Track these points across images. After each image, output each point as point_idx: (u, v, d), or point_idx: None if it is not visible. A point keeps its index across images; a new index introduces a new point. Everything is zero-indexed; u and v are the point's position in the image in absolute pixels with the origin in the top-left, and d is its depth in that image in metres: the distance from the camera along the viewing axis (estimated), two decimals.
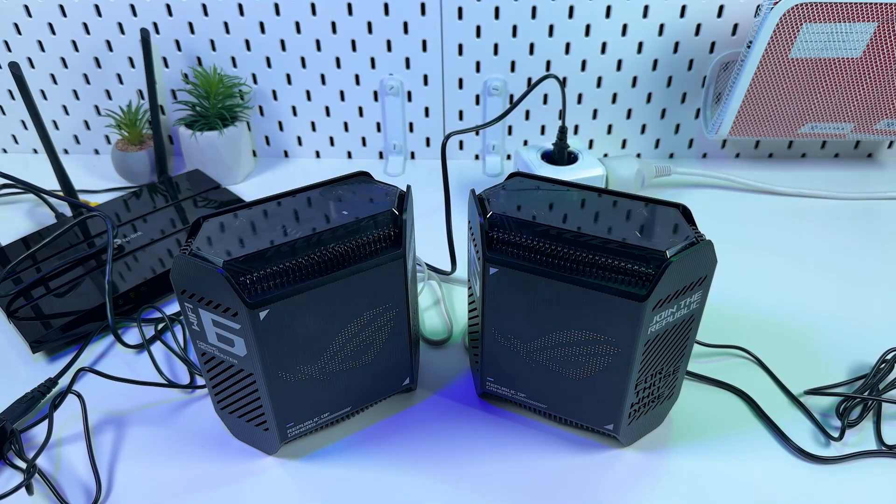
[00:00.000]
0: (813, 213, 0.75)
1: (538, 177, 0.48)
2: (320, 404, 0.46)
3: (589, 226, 0.41)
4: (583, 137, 0.85)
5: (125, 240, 0.67)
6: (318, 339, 0.43)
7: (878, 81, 0.69)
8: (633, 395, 0.44)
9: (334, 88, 0.82)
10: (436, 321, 0.60)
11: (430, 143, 0.86)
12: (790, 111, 0.73)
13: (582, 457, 0.47)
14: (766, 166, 0.84)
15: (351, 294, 0.42)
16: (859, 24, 0.64)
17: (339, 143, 0.87)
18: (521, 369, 0.47)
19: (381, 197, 0.45)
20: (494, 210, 0.43)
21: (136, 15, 0.78)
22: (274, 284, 0.39)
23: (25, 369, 0.55)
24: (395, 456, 0.47)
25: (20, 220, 0.76)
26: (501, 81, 0.80)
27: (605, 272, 0.39)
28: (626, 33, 0.76)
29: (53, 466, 0.46)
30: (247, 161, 0.83)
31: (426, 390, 0.53)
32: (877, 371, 0.51)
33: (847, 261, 0.67)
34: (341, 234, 0.41)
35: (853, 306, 0.61)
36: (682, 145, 0.85)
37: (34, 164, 0.86)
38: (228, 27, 0.78)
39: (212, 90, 0.77)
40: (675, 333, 0.42)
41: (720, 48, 0.76)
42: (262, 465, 0.47)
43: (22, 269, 0.63)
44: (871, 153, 0.86)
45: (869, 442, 0.48)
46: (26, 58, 0.82)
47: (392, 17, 0.76)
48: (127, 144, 0.81)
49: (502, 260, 0.42)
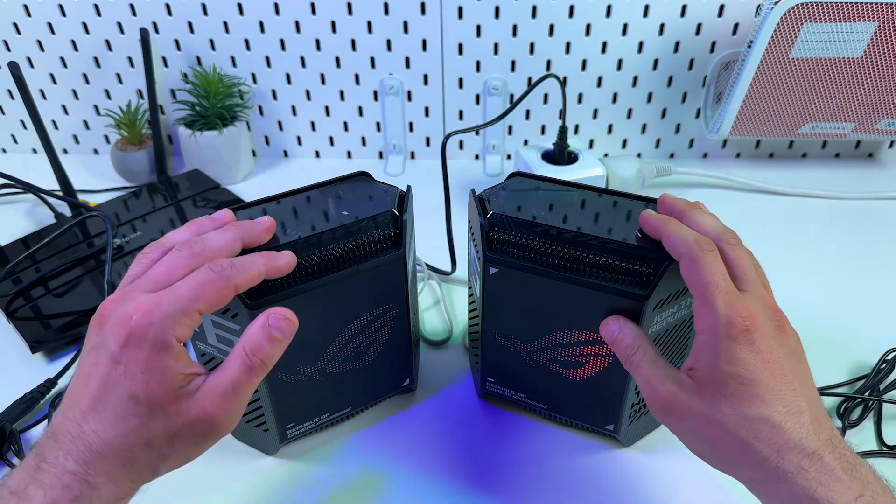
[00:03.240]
0: (813, 213, 0.75)
1: (538, 177, 0.48)
2: (320, 405, 0.46)
3: (589, 226, 0.41)
4: (583, 137, 0.85)
5: (124, 240, 0.66)
6: (318, 339, 0.42)
7: (879, 81, 0.69)
8: (634, 395, 0.44)
9: (334, 88, 0.82)
10: (436, 321, 0.60)
11: (430, 143, 0.86)
12: (791, 111, 0.73)
13: (582, 457, 0.47)
14: (767, 166, 0.84)
15: (351, 295, 0.42)
16: (860, 24, 0.64)
17: (338, 142, 0.87)
18: (521, 370, 0.46)
19: (381, 197, 0.45)
20: (494, 210, 0.43)
21: (136, 15, 0.77)
22: (274, 285, 0.39)
23: (25, 369, 0.55)
24: (395, 456, 0.47)
25: (19, 220, 0.75)
26: (501, 81, 0.79)
27: (606, 272, 0.39)
28: (626, 33, 0.76)
29: None
30: (246, 161, 0.83)
31: (426, 391, 0.53)
32: (877, 371, 0.51)
33: (847, 261, 0.67)
34: (341, 234, 0.41)
35: (853, 306, 0.61)
36: (683, 145, 0.85)
37: (33, 164, 0.86)
38: (228, 27, 0.78)
39: (211, 90, 0.76)
40: (676, 333, 0.42)
41: (721, 48, 0.76)
42: (262, 465, 0.47)
43: (21, 269, 0.63)
44: (872, 153, 0.86)
45: (869, 442, 0.48)
46: (26, 58, 0.82)
47: (392, 17, 0.76)
48: (126, 144, 0.80)
49: (502, 260, 0.42)
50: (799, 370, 0.32)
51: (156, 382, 0.30)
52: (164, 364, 0.31)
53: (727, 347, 0.31)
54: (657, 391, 0.34)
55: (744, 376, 0.31)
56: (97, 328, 0.32)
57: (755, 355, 0.31)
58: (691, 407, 0.32)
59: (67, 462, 0.29)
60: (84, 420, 0.30)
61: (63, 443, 0.30)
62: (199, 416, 0.31)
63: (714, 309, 0.32)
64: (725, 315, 0.31)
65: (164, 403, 0.31)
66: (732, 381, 0.31)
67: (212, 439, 0.33)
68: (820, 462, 0.29)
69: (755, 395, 0.31)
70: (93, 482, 0.30)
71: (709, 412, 0.32)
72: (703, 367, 0.32)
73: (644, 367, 0.35)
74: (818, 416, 0.31)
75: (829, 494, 0.28)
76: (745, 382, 0.31)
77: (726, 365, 0.31)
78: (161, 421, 0.31)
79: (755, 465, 0.31)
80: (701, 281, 0.33)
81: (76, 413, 0.30)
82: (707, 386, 0.32)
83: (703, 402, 0.32)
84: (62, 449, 0.30)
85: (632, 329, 0.38)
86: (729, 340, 0.31)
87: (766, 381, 0.31)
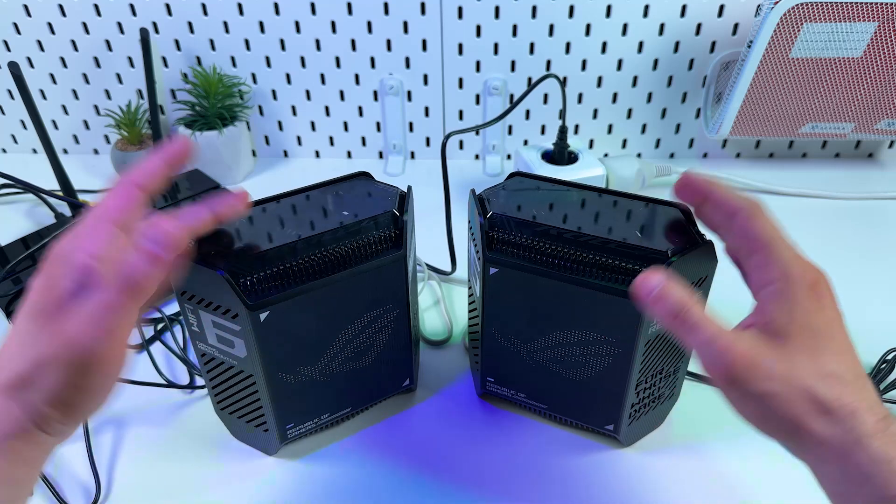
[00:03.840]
0: (813, 213, 0.75)
1: (538, 176, 0.47)
2: (320, 405, 0.46)
3: (589, 226, 0.41)
4: (583, 137, 0.85)
5: None
6: (318, 340, 0.42)
7: (879, 81, 0.69)
8: (634, 395, 0.44)
9: (334, 88, 0.82)
10: (436, 321, 0.60)
11: (430, 143, 0.86)
12: (791, 111, 0.73)
13: (582, 457, 0.47)
14: (767, 166, 0.84)
15: (351, 295, 0.42)
16: (860, 24, 0.64)
17: (338, 142, 0.87)
18: (521, 369, 0.46)
19: (381, 197, 0.45)
20: (494, 210, 0.43)
21: (136, 15, 0.77)
22: (274, 286, 0.39)
23: None
24: (395, 456, 0.47)
25: (19, 220, 0.75)
26: (501, 81, 0.79)
27: (606, 272, 0.39)
28: (626, 33, 0.76)
29: (53, 466, 0.46)
30: (246, 161, 0.83)
31: (426, 391, 0.53)
32: (877, 371, 0.51)
33: (847, 261, 0.67)
34: (342, 234, 0.41)
35: (853, 306, 0.60)
36: (683, 145, 0.85)
37: (34, 164, 0.86)
38: (228, 27, 0.78)
39: (211, 90, 0.76)
40: None
41: (721, 48, 0.76)
42: (262, 466, 0.47)
43: (21, 269, 0.63)
44: (872, 153, 0.86)
45: None
46: (26, 58, 0.82)
47: (392, 17, 0.76)
48: (126, 144, 0.80)
49: (502, 260, 0.42)
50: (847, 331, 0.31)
51: (45, 289, 0.30)
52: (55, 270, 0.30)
53: (804, 297, 0.30)
54: (730, 351, 0.29)
55: (820, 328, 0.29)
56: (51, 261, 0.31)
57: (825, 310, 0.30)
58: (771, 365, 0.29)
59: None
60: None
61: None
62: (70, 338, 0.29)
63: (784, 260, 0.30)
64: (798, 266, 0.30)
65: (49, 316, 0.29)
66: (809, 332, 0.29)
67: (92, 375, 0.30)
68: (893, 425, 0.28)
69: (830, 350, 0.29)
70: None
71: (788, 368, 0.29)
72: (776, 319, 0.30)
73: (705, 325, 0.30)
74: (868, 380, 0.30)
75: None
76: (821, 336, 0.29)
77: (804, 315, 0.29)
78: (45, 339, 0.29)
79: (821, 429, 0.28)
80: (765, 234, 0.31)
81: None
82: (784, 339, 0.29)
83: (783, 358, 0.29)
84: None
85: (678, 282, 0.31)
86: (805, 290, 0.30)
87: (836, 336, 0.30)
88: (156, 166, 0.34)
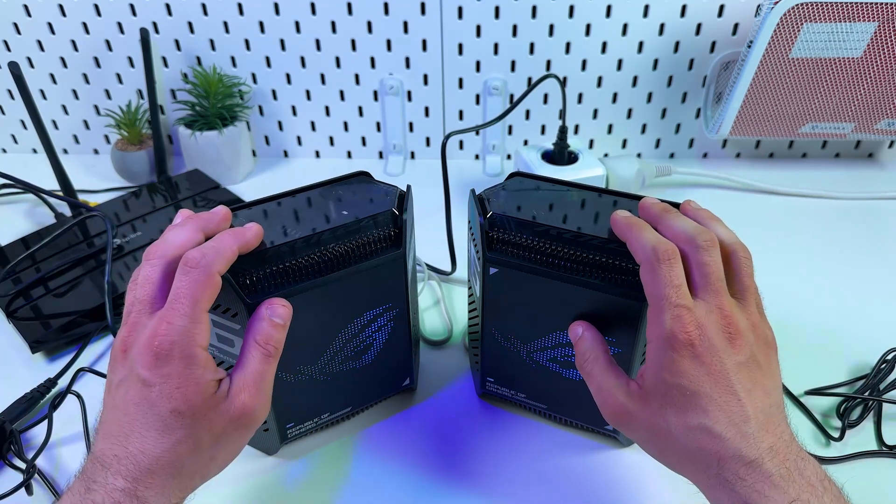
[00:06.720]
0: (813, 213, 0.75)
1: (538, 177, 0.47)
2: (320, 405, 0.46)
3: (589, 226, 0.41)
4: (583, 137, 0.85)
5: (125, 240, 0.66)
6: (318, 339, 0.42)
7: (879, 81, 0.69)
8: None
9: (334, 88, 0.82)
10: (436, 321, 0.60)
11: (430, 143, 0.86)
12: (791, 111, 0.73)
13: (582, 457, 0.47)
14: (767, 166, 0.84)
15: (351, 294, 0.42)
16: (860, 24, 0.64)
17: (338, 142, 0.87)
18: (521, 369, 0.46)
19: (381, 197, 0.45)
20: (494, 210, 0.43)
21: (136, 15, 0.77)
22: (274, 285, 0.39)
23: (25, 369, 0.55)
24: (395, 456, 0.47)
25: (19, 220, 0.75)
26: (501, 81, 0.79)
27: (606, 272, 0.39)
28: (626, 33, 0.76)
29: (53, 467, 0.46)
30: (246, 161, 0.83)
31: (426, 390, 0.53)
32: (877, 371, 0.51)
33: (847, 261, 0.67)
34: (341, 234, 0.41)
35: (853, 306, 0.61)
36: (683, 145, 0.85)
37: (33, 164, 0.86)
38: (228, 27, 0.78)
39: (211, 90, 0.76)
40: None
41: (721, 48, 0.76)
42: (262, 465, 0.47)
43: (21, 269, 0.63)
44: (872, 153, 0.86)
45: (869, 442, 0.48)
46: (26, 57, 0.82)
47: (392, 17, 0.76)
48: (126, 144, 0.81)
49: (502, 260, 0.42)
50: (753, 377, 0.32)
51: (193, 393, 0.32)
52: (196, 375, 0.32)
53: (670, 359, 0.32)
54: (607, 401, 0.36)
55: (686, 387, 0.32)
56: (120, 361, 0.33)
57: (699, 367, 0.32)
58: (639, 416, 0.34)
59: (117, 481, 0.30)
60: (128, 443, 0.31)
61: (110, 465, 0.31)
62: (239, 411, 0.33)
63: (661, 321, 0.32)
64: (670, 328, 0.32)
65: (205, 409, 0.32)
66: (676, 391, 0.32)
67: (251, 430, 0.35)
68: (758, 470, 0.30)
69: (697, 405, 0.31)
70: (142, 496, 0.31)
71: (655, 421, 0.33)
72: (649, 377, 0.33)
73: (596, 375, 0.36)
74: (766, 422, 0.32)
75: (762, 501, 0.30)
76: (688, 394, 0.32)
77: (670, 376, 0.32)
78: (205, 426, 0.32)
79: (699, 472, 0.32)
80: (652, 292, 0.33)
81: (118, 438, 0.31)
82: (653, 396, 0.33)
83: (650, 412, 0.33)
84: (110, 471, 0.31)
85: (590, 336, 0.38)
86: (672, 353, 0.32)
87: (708, 393, 0.31)
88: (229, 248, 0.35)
